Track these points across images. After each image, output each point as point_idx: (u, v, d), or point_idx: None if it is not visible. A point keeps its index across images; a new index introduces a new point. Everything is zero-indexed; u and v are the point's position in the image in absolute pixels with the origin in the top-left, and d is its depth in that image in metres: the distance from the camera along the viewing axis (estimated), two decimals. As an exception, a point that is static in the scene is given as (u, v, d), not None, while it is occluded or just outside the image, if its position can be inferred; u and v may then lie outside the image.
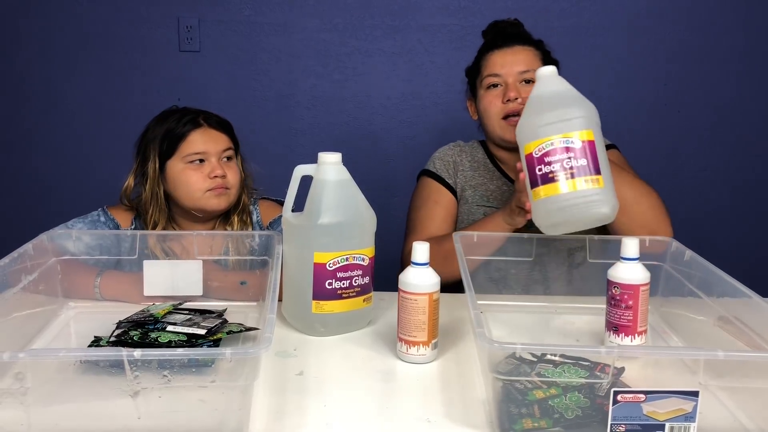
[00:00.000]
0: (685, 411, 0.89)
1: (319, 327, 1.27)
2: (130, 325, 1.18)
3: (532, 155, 1.24)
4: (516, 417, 0.92)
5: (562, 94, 1.27)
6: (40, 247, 1.29)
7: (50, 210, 2.57)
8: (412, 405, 1.03)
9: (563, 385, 0.93)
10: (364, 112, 2.59)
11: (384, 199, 2.53)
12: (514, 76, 1.59)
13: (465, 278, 1.15)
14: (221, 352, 0.91)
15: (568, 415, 0.91)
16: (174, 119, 1.56)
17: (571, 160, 1.21)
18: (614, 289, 1.15)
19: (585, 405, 0.92)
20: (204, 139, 1.54)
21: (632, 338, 1.14)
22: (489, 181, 1.69)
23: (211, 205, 1.55)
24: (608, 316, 1.17)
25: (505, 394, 0.94)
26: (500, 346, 0.91)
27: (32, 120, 2.58)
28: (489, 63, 1.63)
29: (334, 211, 1.24)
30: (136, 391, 0.89)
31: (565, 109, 1.23)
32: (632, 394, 0.88)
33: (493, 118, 1.61)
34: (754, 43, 2.55)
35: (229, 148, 1.57)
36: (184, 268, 1.36)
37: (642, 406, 0.89)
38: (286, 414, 1.00)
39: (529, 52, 1.62)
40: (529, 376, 0.94)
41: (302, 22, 2.53)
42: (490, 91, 1.61)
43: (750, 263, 2.60)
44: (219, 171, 1.53)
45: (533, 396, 0.93)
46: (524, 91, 1.57)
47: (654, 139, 2.57)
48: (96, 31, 2.52)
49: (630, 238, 1.17)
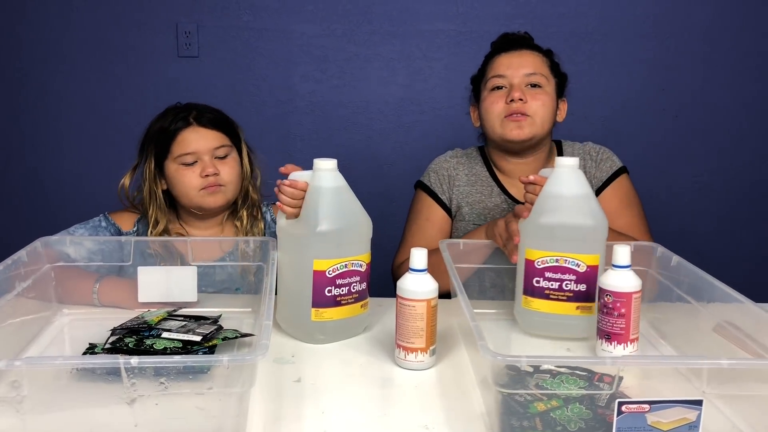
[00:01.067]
0: (689, 420, 0.88)
1: (318, 335, 1.26)
2: (124, 332, 1.18)
3: (534, 264, 1.25)
4: (518, 430, 0.91)
5: (580, 199, 1.25)
6: (33, 253, 1.29)
7: (49, 215, 2.57)
8: (410, 411, 1.03)
9: (564, 396, 0.92)
10: (362, 117, 2.58)
11: (382, 204, 2.53)
12: (520, 77, 1.56)
13: (458, 286, 1.15)
14: (218, 359, 0.90)
15: (571, 427, 0.91)
16: (168, 119, 1.56)
17: (571, 283, 1.23)
18: (606, 297, 1.14)
19: (587, 416, 0.91)
20: (194, 138, 1.53)
21: (624, 346, 1.13)
22: (487, 198, 1.65)
23: (207, 203, 1.54)
24: (600, 324, 1.16)
25: (506, 406, 0.93)
26: (503, 359, 0.90)
27: (31, 126, 2.58)
28: (495, 65, 1.60)
29: (332, 218, 1.24)
30: (133, 399, 0.89)
31: (580, 224, 1.23)
32: (636, 405, 0.88)
33: (495, 117, 1.57)
34: (751, 49, 2.55)
35: (223, 146, 1.56)
36: (178, 274, 1.36)
37: (646, 416, 0.88)
38: (284, 421, 0.99)
39: (536, 57, 1.59)
40: (528, 387, 0.93)
41: (301, 27, 2.53)
42: (494, 92, 1.58)
43: (746, 268, 2.60)
44: (210, 169, 1.52)
45: (535, 408, 0.92)
46: (530, 94, 1.55)
47: (651, 144, 2.57)
48: (95, 37, 2.52)
49: (621, 246, 1.15)
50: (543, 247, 1.25)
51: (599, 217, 1.25)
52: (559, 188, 1.26)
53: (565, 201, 1.25)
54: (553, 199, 1.25)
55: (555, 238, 1.23)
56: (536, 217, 1.26)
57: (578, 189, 1.26)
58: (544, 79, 1.57)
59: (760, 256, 2.66)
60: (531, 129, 1.55)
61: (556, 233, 1.23)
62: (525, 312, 1.28)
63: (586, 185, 1.27)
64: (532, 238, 1.26)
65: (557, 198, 1.25)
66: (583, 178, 1.27)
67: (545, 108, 1.56)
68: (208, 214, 1.59)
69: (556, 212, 1.24)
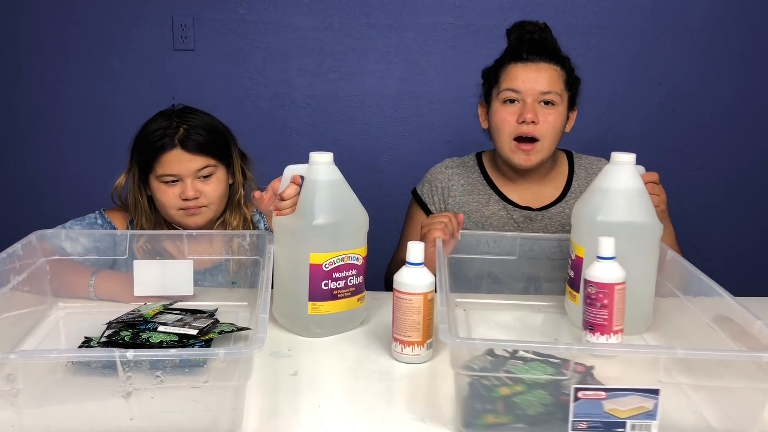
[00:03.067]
0: (647, 409, 0.89)
1: (314, 328, 1.26)
2: (120, 325, 1.17)
3: (582, 261, 1.25)
4: (479, 412, 0.92)
5: (634, 200, 1.25)
6: (29, 247, 1.28)
7: (43, 210, 2.55)
8: (406, 405, 1.03)
9: (529, 382, 0.93)
10: (359, 110, 2.58)
11: (378, 198, 2.52)
12: (534, 95, 1.53)
13: (440, 274, 1.15)
14: (215, 352, 0.90)
15: (530, 411, 0.92)
16: (156, 133, 1.49)
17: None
18: (590, 288, 1.14)
19: (548, 402, 0.92)
20: (176, 161, 1.48)
21: (608, 337, 1.13)
22: (484, 206, 1.64)
23: (186, 224, 1.52)
24: (584, 315, 1.16)
25: (472, 390, 0.94)
26: (462, 342, 0.94)
27: (25, 119, 2.57)
28: (509, 75, 1.55)
29: (328, 211, 1.23)
30: (129, 392, 0.89)
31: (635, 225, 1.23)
32: (593, 392, 0.89)
33: (505, 138, 1.55)
34: (750, 43, 2.55)
35: (207, 166, 1.50)
36: (174, 267, 1.35)
37: (603, 404, 0.89)
38: (280, 414, 0.99)
39: (553, 72, 1.55)
40: (498, 372, 0.94)
41: (297, 20, 2.52)
42: (506, 106, 1.55)
43: (744, 262, 2.61)
44: (191, 193, 1.48)
45: (498, 393, 0.93)
46: (542, 114, 1.53)
47: (648, 139, 2.57)
48: (90, 30, 2.51)
49: (606, 238, 1.14)
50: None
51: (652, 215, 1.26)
52: (619, 186, 1.26)
53: (628, 206, 1.25)
54: (615, 193, 1.26)
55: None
56: (598, 214, 1.25)
57: (636, 184, 1.27)
58: (558, 97, 1.55)
59: (757, 251, 2.66)
60: (538, 156, 1.56)
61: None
62: (574, 307, 1.29)
63: (641, 182, 1.28)
64: (586, 232, 1.26)
65: (620, 193, 1.25)
66: (638, 177, 1.28)
67: (555, 129, 1.55)
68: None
69: (620, 212, 1.24)
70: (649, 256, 1.27)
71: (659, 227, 1.26)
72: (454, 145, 2.46)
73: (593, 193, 1.29)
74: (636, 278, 1.18)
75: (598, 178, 1.29)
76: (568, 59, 1.61)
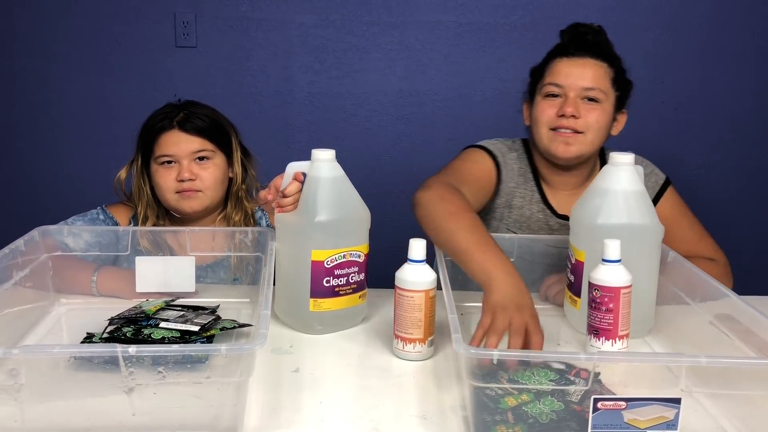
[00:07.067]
0: (667, 419, 0.87)
1: (316, 325, 1.26)
2: (122, 321, 1.17)
3: (582, 265, 1.23)
4: (490, 424, 0.90)
5: (634, 202, 1.22)
6: (31, 243, 1.29)
7: (46, 206, 2.56)
8: (408, 402, 1.03)
9: (534, 391, 0.91)
10: (361, 108, 2.58)
11: (380, 195, 2.52)
12: (576, 90, 1.46)
13: (444, 280, 1.14)
14: (217, 347, 0.90)
15: (542, 419, 0.90)
16: (157, 117, 1.54)
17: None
18: (594, 291, 1.11)
19: (559, 409, 0.90)
20: (173, 142, 1.50)
21: (613, 342, 1.10)
22: (528, 205, 1.56)
23: (182, 208, 1.52)
24: (589, 319, 1.13)
25: (477, 401, 0.92)
26: (476, 353, 0.91)
27: (28, 116, 2.57)
28: (554, 70, 1.49)
29: (330, 208, 1.23)
30: (131, 388, 0.89)
31: (635, 227, 1.20)
32: (612, 402, 0.86)
33: (542, 126, 1.48)
34: (751, 41, 2.54)
35: (204, 150, 1.52)
36: (176, 264, 1.35)
37: (623, 414, 0.86)
38: (281, 410, 1.00)
39: (599, 68, 1.48)
40: (499, 380, 0.92)
41: (299, 18, 2.52)
42: (548, 100, 1.49)
43: (747, 261, 2.60)
44: (186, 174, 1.49)
45: (505, 404, 0.91)
46: (584, 109, 1.45)
47: (651, 137, 2.56)
48: (92, 27, 2.51)
49: (611, 240, 1.12)
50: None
51: (654, 220, 1.24)
52: (617, 187, 1.23)
53: (626, 209, 1.23)
54: (614, 195, 1.23)
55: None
56: (592, 218, 1.23)
57: (636, 186, 1.24)
58: (603, 95, 1.48)
59: (759, 250, 2.66)
60: (579, 147, 1.47)
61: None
62: (575, 312, 1.27)
63: (642, 185, 1.25)
64: (582, 237, 1.25)
65: (618, 195, 1.23)
66: (640, 180, 1.26)
67: (598, 125, 1.47)
68: (190, 219, 1.56)
69: (620, 214, 1.22)
70: (649, 258, 1.24)
71: (660, 229, 1.24)
72: (455, 143, 2.45)
73: (592, 196, 1.26)
74: (637, 281, 1.15)
75: (597, 180, 1.27)
76: (618, 58, 1.54)
